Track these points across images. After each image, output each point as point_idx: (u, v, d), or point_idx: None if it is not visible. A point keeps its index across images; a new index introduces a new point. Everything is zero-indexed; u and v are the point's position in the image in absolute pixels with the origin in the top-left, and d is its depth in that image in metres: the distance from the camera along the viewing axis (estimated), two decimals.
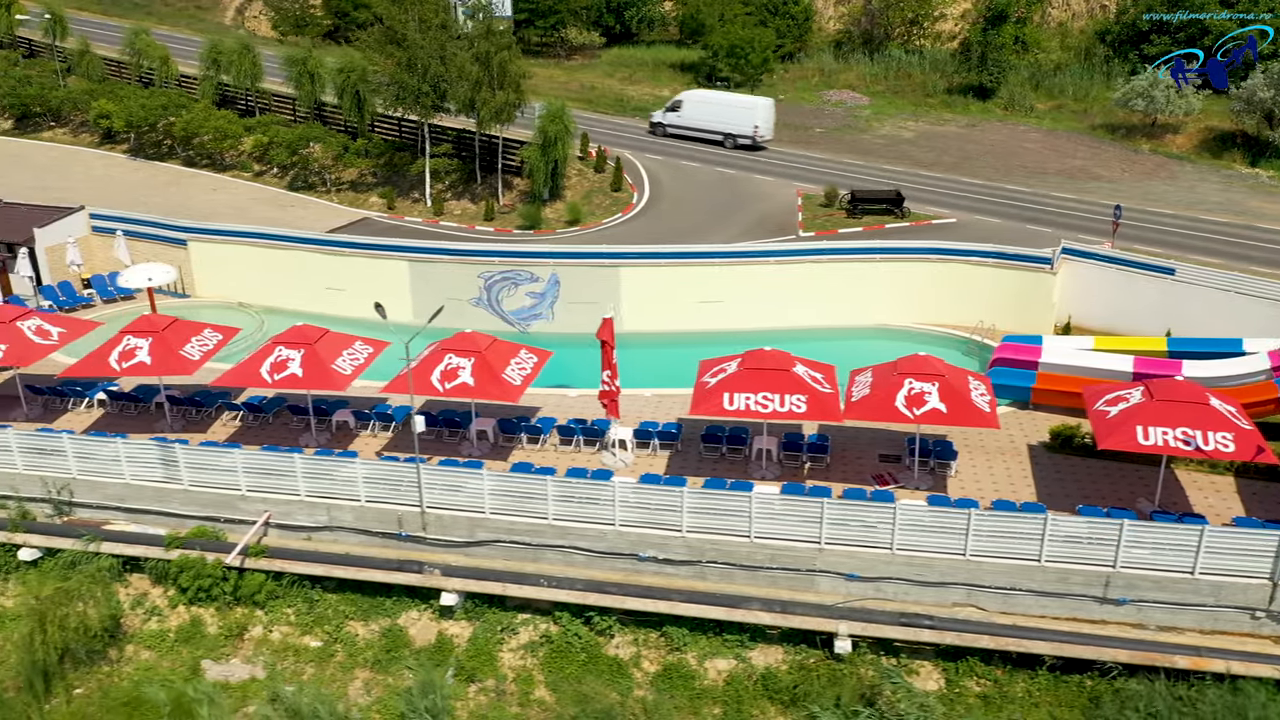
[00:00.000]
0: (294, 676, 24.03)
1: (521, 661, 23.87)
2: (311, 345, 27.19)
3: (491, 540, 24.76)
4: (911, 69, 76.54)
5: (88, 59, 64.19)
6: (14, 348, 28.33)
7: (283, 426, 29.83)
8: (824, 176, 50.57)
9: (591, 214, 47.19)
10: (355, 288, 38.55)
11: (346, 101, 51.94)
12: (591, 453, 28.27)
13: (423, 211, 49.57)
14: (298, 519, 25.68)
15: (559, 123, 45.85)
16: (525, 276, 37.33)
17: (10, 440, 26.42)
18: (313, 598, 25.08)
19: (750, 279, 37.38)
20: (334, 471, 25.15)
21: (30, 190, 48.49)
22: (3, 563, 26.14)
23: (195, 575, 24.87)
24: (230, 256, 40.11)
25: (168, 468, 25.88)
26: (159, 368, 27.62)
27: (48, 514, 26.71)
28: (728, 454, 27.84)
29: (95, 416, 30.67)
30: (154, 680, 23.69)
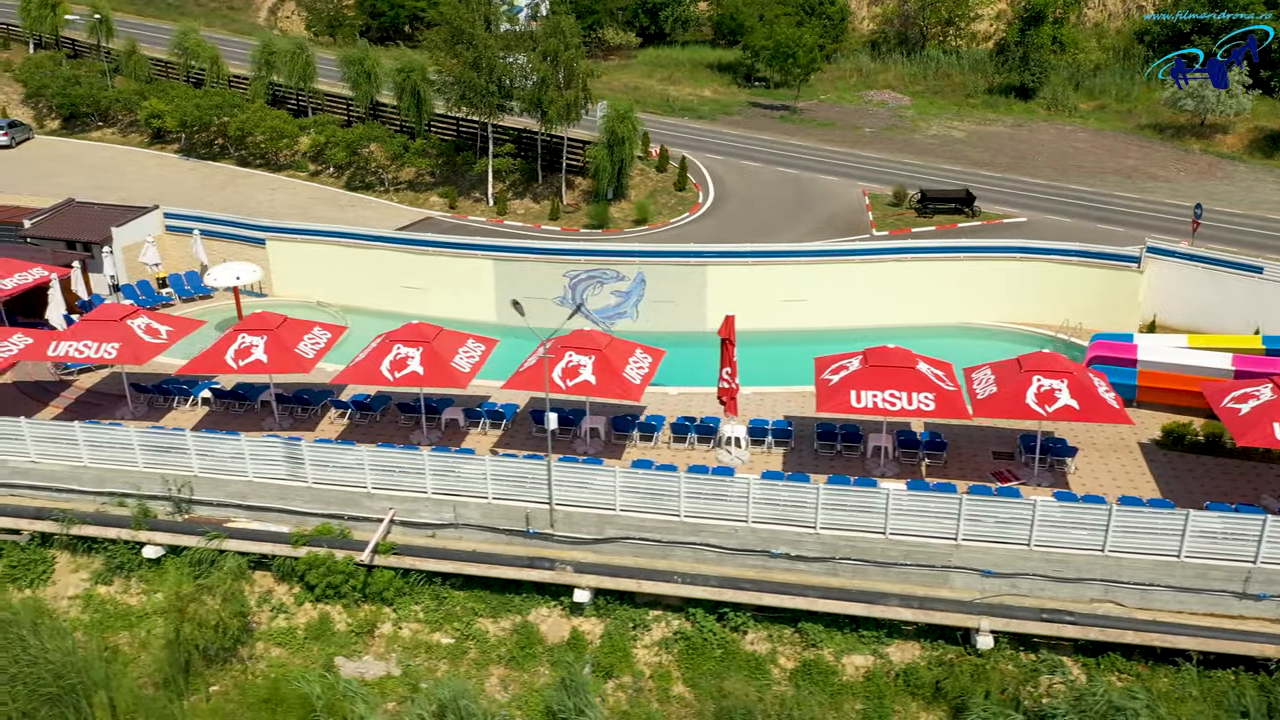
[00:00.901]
0: (428, 673, 24.09)
1: (657, 658, 23.93)
2: (429, 343, 27.27)
3: (621, 537, 24.81)
4: (951, 69, 76.64)
5: (135, 59, 64.14)
6: (127, 346, 28.36)
7: (391, 424, 29.86)
8: (884, 176, 50.74)
9: (658, 213, 47.28)
10: (437, 286, 38.64)
11: (406, 101, 51.99)
12: (705, 450, 28.34)
13: (485, 211, 49.63)
14: (422, 516, 25.72)
15: (627, 123, 45.92)
16: (611, 275, 37.42)
17: (132, 438, 26.44)
18: (441, 595, 25.14)
19: (834, 277, 37.49)
20: (461, 468, 25.19)
21: (88, 190, 48.49)
22: (126, 560, 26.11)
23: (325, 572, 24.91)
24: (309, 255, 40.13)
25: (292, 465, 25.91)
26: (275, 365, 27.68)
27: (167, 512, 26.71)
28: (843, 451, 27.90)
29: (201, 414, 30.70)
30: (291, 676, 23.67)
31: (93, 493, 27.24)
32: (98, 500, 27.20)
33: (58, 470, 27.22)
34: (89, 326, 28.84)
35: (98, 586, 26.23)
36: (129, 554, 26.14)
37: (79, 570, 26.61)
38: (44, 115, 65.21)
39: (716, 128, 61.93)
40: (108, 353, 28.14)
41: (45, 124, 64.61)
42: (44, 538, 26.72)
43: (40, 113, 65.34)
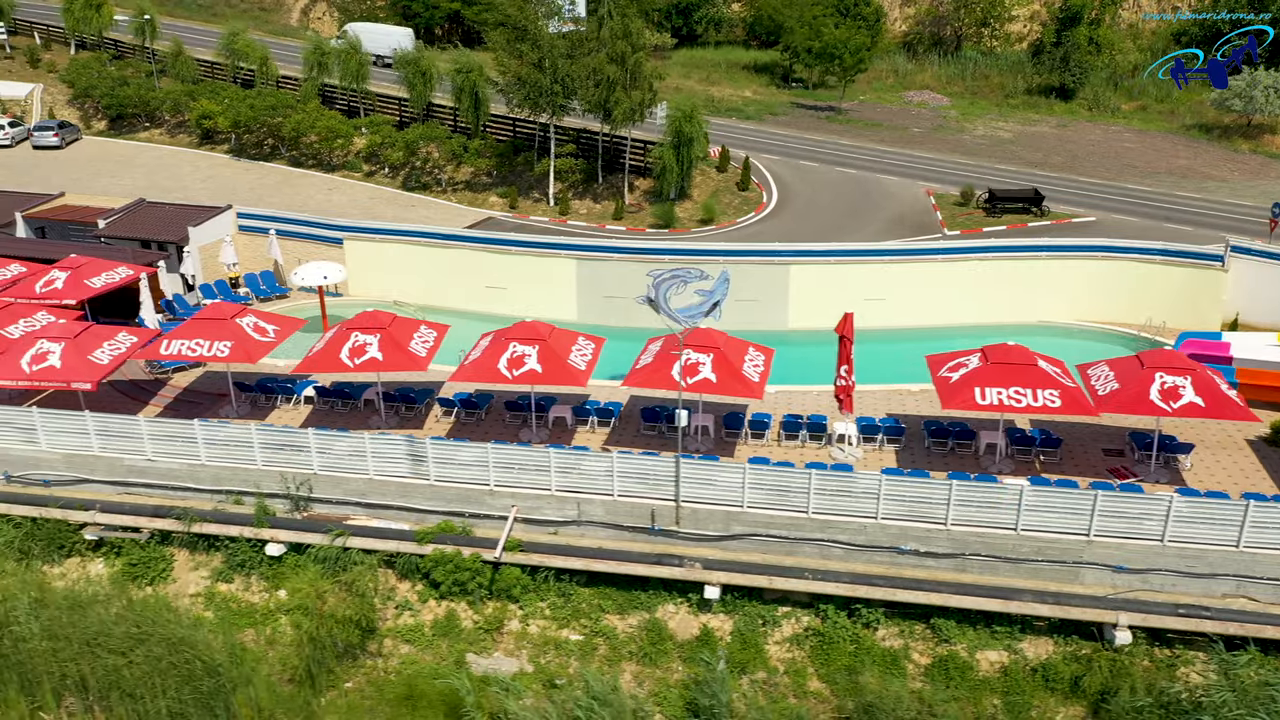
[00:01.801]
0: (559, 670, 24.17)
1: (789, 654, 24.03)
2: (545, 340, 27.36)
3: (747, 534, 24.92)
4: (989, 70, 76.86)
5: (181, 60, 64.19)
6: (239, 345, 28.43)
7: (498, 423, 29.96)
8: (941, 176, 50.95)
9: (723, 213, 47.40)
10: (518, 285, 38.74)
11: (465, 102, 52.09)
12: (817, 448, 28.46)
13: (546, 211, 49.75)
14: (545, 513, 25.81)
15: (694, 123, 46.06)
16: (695, 274, 37.23)
17: (252, 436, 26.51)
18: (566, 591, 25.21)
19: (914, 276, 37.63)
20: (587, 465, 25.29)
21: (146, 190, 48.60)
22: (248, 558, 26.16)
23: (452, 569, 24.98)
24: (386, 255, 40.21)
25: (414, 463, 26.00)
26: (390, 364, 27.76)
27: (285, 509, 26.79)
28: (955, 449, 28.03)
29: (305, 413, 30.77)
30: (425, 673, 23.76)
31: (209, 491, 27.29)
32: (214, 499, 27.24)
33: (174, 469, 27.29)
34: (200, 325, 28.92)
35: (218, 584, 26.27)
36: (250, 552, 26.16)
37: (199, 568, 26.66)
38: (90, 116, 65.26)
39: (764, 128, 62.08)
40: (220, 351, 28.21)
41: (92, 124, 64.64)
42: (163, 536, 26.73)
43: (86, 113, 65.40)
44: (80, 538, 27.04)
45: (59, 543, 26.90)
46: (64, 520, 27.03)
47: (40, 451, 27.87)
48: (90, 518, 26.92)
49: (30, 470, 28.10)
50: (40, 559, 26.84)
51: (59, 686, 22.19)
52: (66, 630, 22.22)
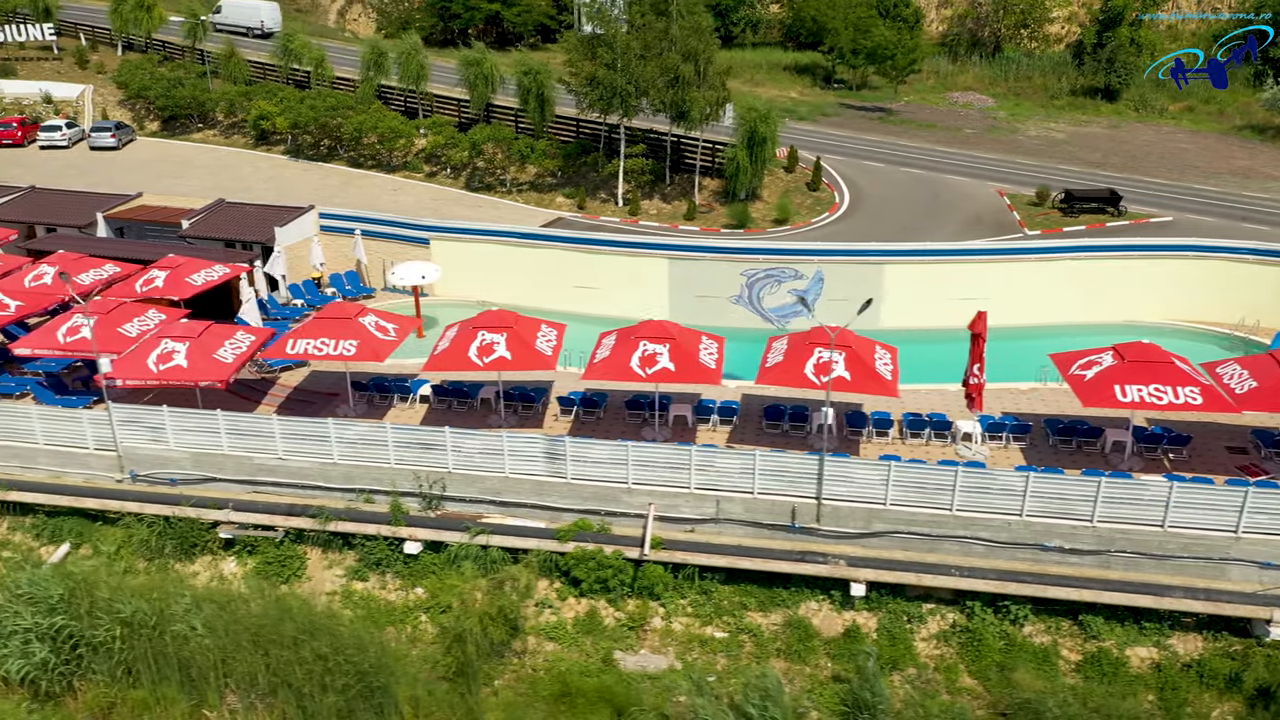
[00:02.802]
0: (708, 667, 24.24)
1: (938, 651, 24.14)
2: (675, 339, 27.44)
3: (889, 531, 25.02)
4: (1031, 71, 77.08)
5: (234, 61, 64.22)
6: (365, 344, 28.48)
7: (618, 421, 30.03)
8: (1008, 176, 51.12)
9: (797, 213, 47.51)
10: (609, 285, 38.83)
11: (532, 103, 52.15)
12: (941, 446, 28.57)
13: (615, 211, 49.82)
14: (683, 511, 25.90)
15: (769, 123, 46.17)
16: (790, 274, 37.66)
17: (387, 435, 26.58)
18: (707, 589, 25.29)
19: (1005, 276, 37.75)
20: (726, 463, 25.38)
21: (211, 191, 48.62)
22: (384, 556, 26.22)
23: (595, 567, 25.05)
24: (474, 255, 40.27)
25: (551, 461, 26.07)
26: (519, 362, 27.81)
27: (417, 508, 26.85)
28: (1082, 447, 28.16)
29: (421, 412, 30.83)
30: (575, 669, 23.85)
31: (339, 489, 27.34)
32: (344, 497, 27.30)
33: (305, 467, 27.34)
34: (323, 324, 28.97)
35: (354, 582, 26.33)
36: (387, 550, 26.21)
37: (332, 566, 26.71)
38: (142, 117, 65.27)
39: (819, 128, 62.20)
40: (347, 349, 28.26)
41: (144, 125, 64.67)
42: (297, 535, 26.78)
43: (138, 114, 65.41)
44: (213, 536, 27.06)
45: (191, 541, 26.93)
46: (196, 519, 27.04)
47: (168, 450, 27.91)
48: (224, 516, 26.96)
49: (157, 469, 28.11)
50: (172, 558, 26.86)
51: (222, 683, 22.17)
52: (231, 627, 22.18)
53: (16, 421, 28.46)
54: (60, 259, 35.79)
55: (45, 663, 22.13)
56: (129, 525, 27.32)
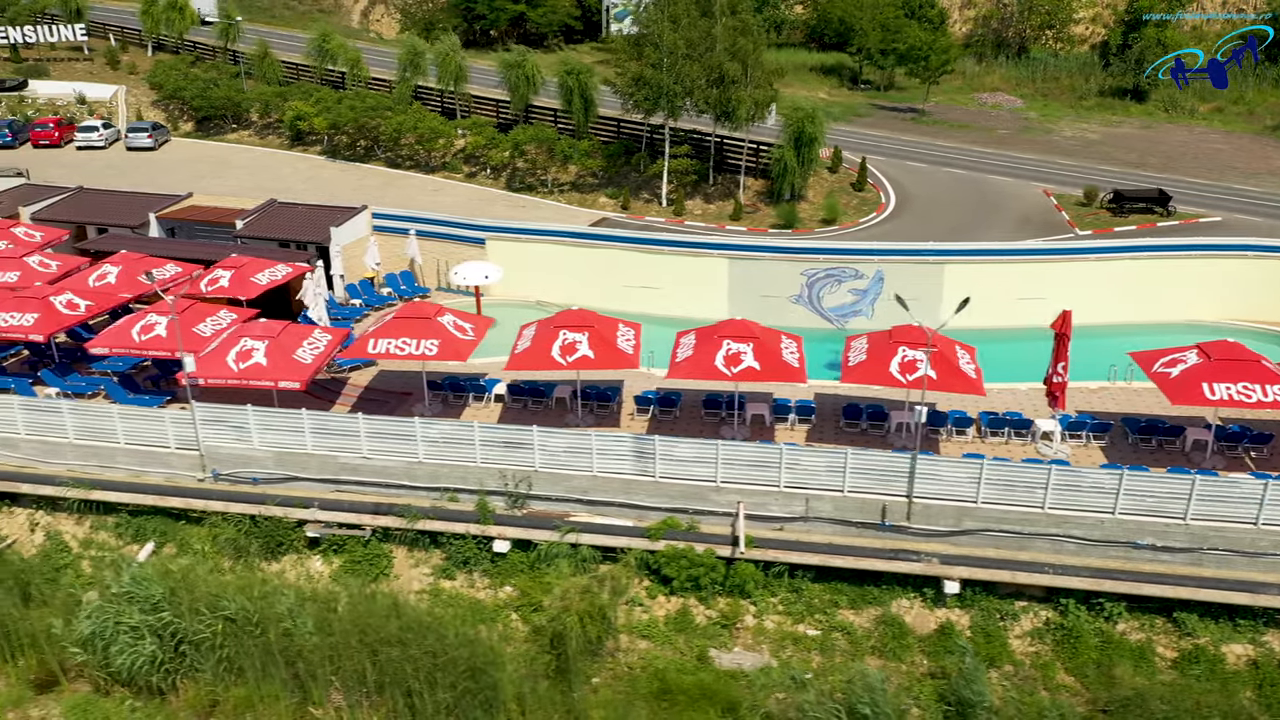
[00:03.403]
0: (803, 664, 24.32)
1: (1033, 648, 24.23)
2: (758, 338, 27.53)
3: (980, 529, 25.12)
4: (1058, 72, 77.24)
5: (267, 62, 64.28)
6: (446, 344, 28.54)
7: (695, 420, 30.11)
8: (1050, 176, 51.27)
9: (844, 213, 47.60)
10: (668, 285, 38.89)
11: (576, 103, 52.24)
12: (1021, 445, 28.67)
13: (660, 212, 49.89)
14: (771, 509, 25.98)
15: (815, 123, 46.28)
16: (850, 273, 37.75)
17: (474, 434, 26.64)
18: (798, 587, 25.38)
19: (1068, 275, 37.84)
20: (816, 462, 25.48)
21: (251, 191, 48.53)
22: (472, 555, 26.28)
23: (687, 565, 25.13)
24: (530, 255, 40.31)
25: (640, 460, 26.15)
26: (601, 361, 27.89)
27: (503, 507, 26.90)
28: (1162, 445, 28.27)
29: (496, 411, 30.89)
30: (673, 667, 23.93)
31: (424, 488, 27.39)
32: (428, 496, 27.35)
33: (390, 466, 27.39)
34: (403, 324, 29.01)
35: (442, 581, 26.39)
36: (475, 549, 26.27)
37: (418, 565, 26.77)
38: (175, 117, 65.29)
39: (854, 129, 62.28)
40: (429, 349, 28.32)
41: (178, 126, 64.69)
42: (384, 533, 26.83)
43: (172, 115, 65.42)
44: (298, 535, 27.11)
45: (277, 540, 26.98)
46: (282, 518, 27.09)
47: (251, 449, 27.95)
48: (310, 515, 27.00)
49: (239, 468, 28.16)
50: (257, 557, 26.90)
51: (328, 681, 22.22)
52: (338, 625, 22.22)
53: (98, 421, 28.48)
54: (122, 259, 35.84)
55: (153, 658, 22.15)
56: (214, 524, 27.37)
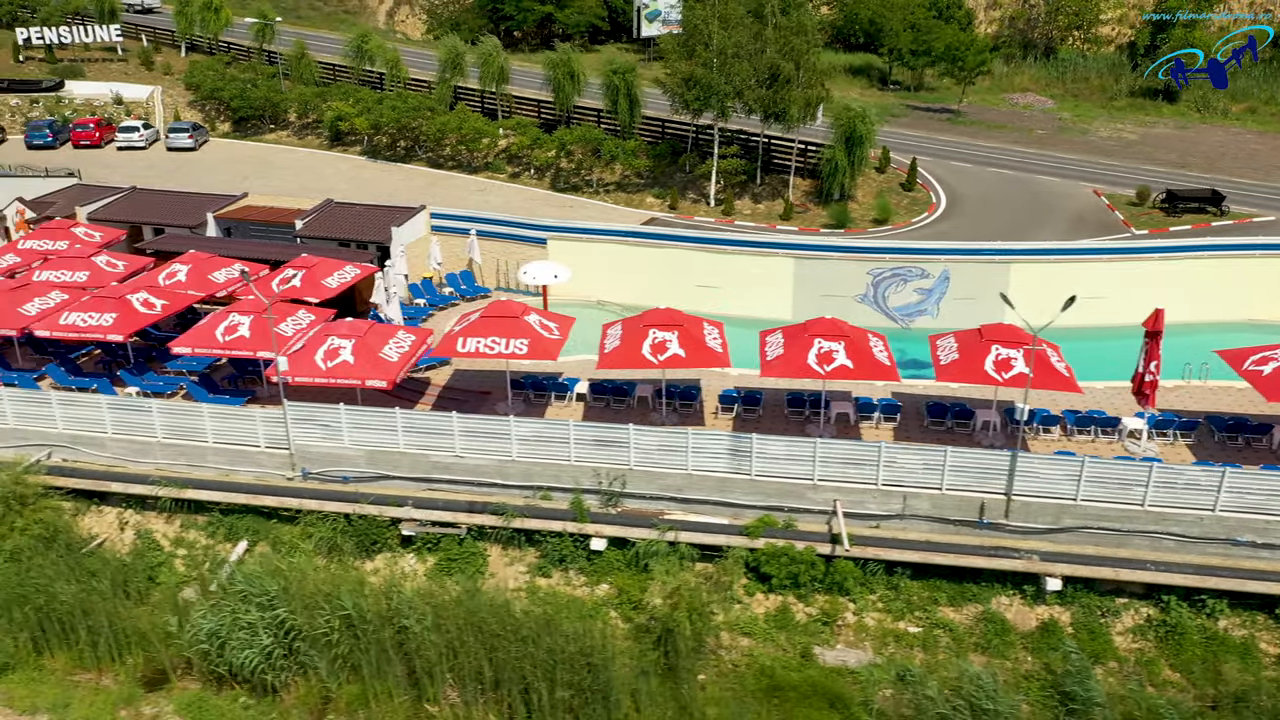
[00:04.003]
0: (906, 661, 24.41)
1: (1136, 645, 24.35)
2: (849, 337, 27.64)
3: (1078, 527, 25.23)
4: (1088, 73, 77.45)
5: (304, 62, 64.38)
6: (535, 342, 28.61)
7: (779, 419, 30.21)
8: (1095, 176, 51.46)
9: (895, 213, 47.74)
10: (732, 284, 38.99)
11: (622, 103, 52.37)
12: (1108, 443, 28.80)
13: (707, 211, 50.04)
14: (868, 507, 26.08)
15: (866, 123, 46.43)
16: (916, 273, 37.88)
17: (569, 432, 26.72)
18: (896, 584, 25.48)
19: (1132, 275, 37.97)
20: (913, 459, 25.59)
21: (296, 191, 48.63)
22: (568, 553, 26.36)
23: (787, 563, 25.22)
24: (592, 255, 40.39)
25: (736, 458, 26.25)
26: (692, 360, 27.97)
27: (597, 505, 26.98)
28: (1250, 443, 28.41)
29: (579, 410, 30.98)
30: (779, 664, 24.04)
31: (516, 486, 27.48)
32: (521, 494, 27.43)
33: (482, 464, 27.46)
34: (491, 323, 29.06)
35: (538, 579, 26.45)
36: (571, 546, 26.36)
37: (514, 563, 26.84)
38: (212, 118, 65.34)
39: (892, 130, 62.23)
40: (519, 348, 28.39)
41: (215, 126, 64.75)
42: (478, 531, 26.91)
43: (208, 115, 65.48)
44: (392, 534, 27.18)
45: (371, 539, 27.03)
46: (376, 516, 27.16)
47: (342, 448, 28.01)
48: (405, 514, 27.07)
49: (329, 467, 28.23)
50: (351, 555, 26.95)
51: (444, 678, 22.29)
52: (455, 623, 22.29)
53: (188, 420, 28.53)
54: (191, 258, 35.89)
55: (269, 654, 22.20)
56: (307, 523, 27.40)
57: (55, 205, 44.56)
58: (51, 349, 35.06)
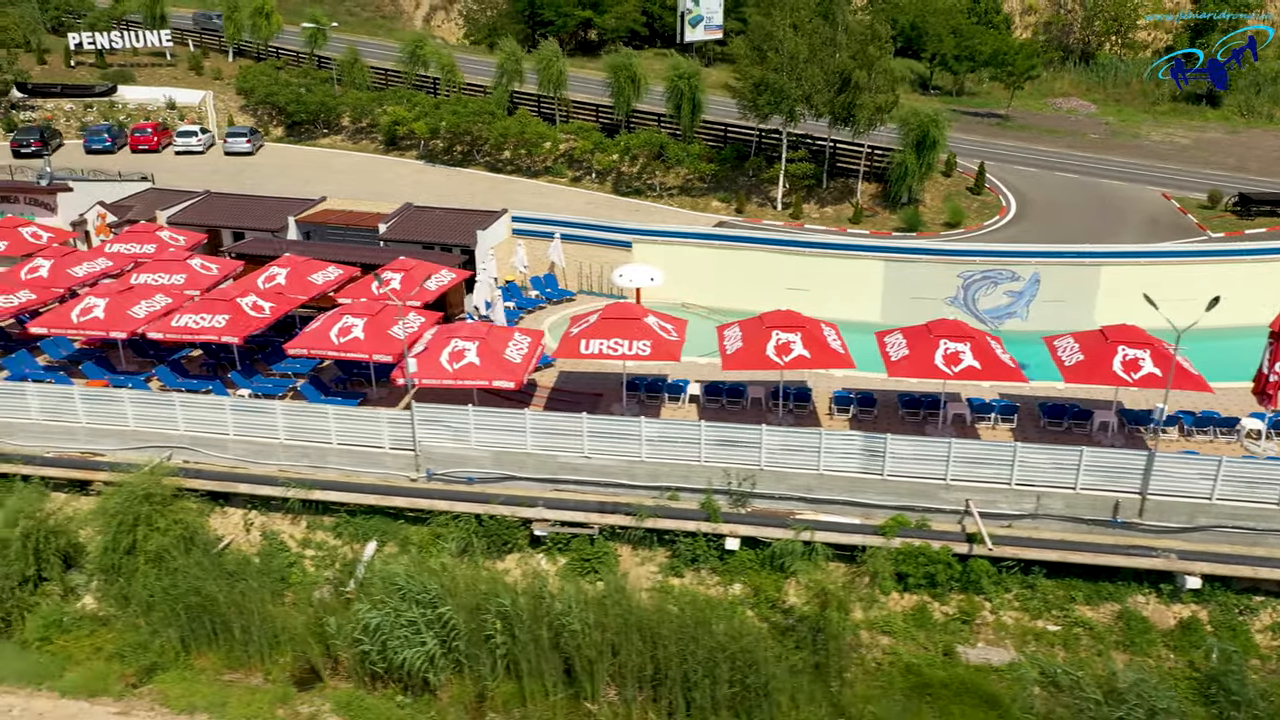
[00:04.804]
0: (1049, 659, 24.57)
1: (1277, 641, 24.52)
2: (974, 338, 27.85)
3: (1213, 526, 25.42)
4: (1129, 77, 77.85)
5: (357, 67, 64.59)
6: (658, 344, 28.78)
7: (893, 419, 30.39)
8: (1159, 180, 51.76)
9: (967, 216, 47.97)
10: (820, 287, 39.19)
11: (685, 107, 52.62)
12: (1226, 442, 29.01)
13: (775, 215, 50.26)
14: (1000, 507, 26.25)
15: (939, 127, 46.69)
16: (1006, 275, 38.12)
17: (699, 433, 26.89)
18: (1031, 583, 25.64)
19: (1220, 277, 38.12)
20: (1045, 459, 25.78)
21: (363, 195, 48.71)
22: (701, 553, 26.51)
23: (925, 562, 25.39)
24: (676, 257, 40.60)
25: (868, 458, 26.43)
26: (818, 360, 28.16)
27: (726, 505, 27.13)
28: None
29: (692, 411, 31.14)
30: (925, 663, 24.19)
31: (643, 487, 27.63)
32: (648, 494, 27.59)
33: (610, 465, 27.61)
34: (612, 325, 29.22)
35: (670, 578, 26.59)
36: (704, 546, 26.50)
37: (645, 563, 26.97)
38: (265, 122, 65.51)
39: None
40: (642, 350, 28.57)
41: (268, 131, 64.92)
42: (610, 531, 27.06)
43: (260, 120, 65.64)
44: (522, 534, 27.31)
45: (503, 539, 27.16)
46: (508, 517, 27.29)
47: (469, 449, 28.14)
48: (537, 514, 27.22)
49: (454, 468, 28.36)
50: (482, 555, 27.07)
51: (603, 677, 22.43)
52: (616, 622, 22.44)
53: (313, 421, 28.67)
54: (289, 261, 36.05)
55: (431, 654, 22.33)
56: (437, 523, 27.53)
57: (133, 209, 44.74)
58: (152, 351, 35.20)
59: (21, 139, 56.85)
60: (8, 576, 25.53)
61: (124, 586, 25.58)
